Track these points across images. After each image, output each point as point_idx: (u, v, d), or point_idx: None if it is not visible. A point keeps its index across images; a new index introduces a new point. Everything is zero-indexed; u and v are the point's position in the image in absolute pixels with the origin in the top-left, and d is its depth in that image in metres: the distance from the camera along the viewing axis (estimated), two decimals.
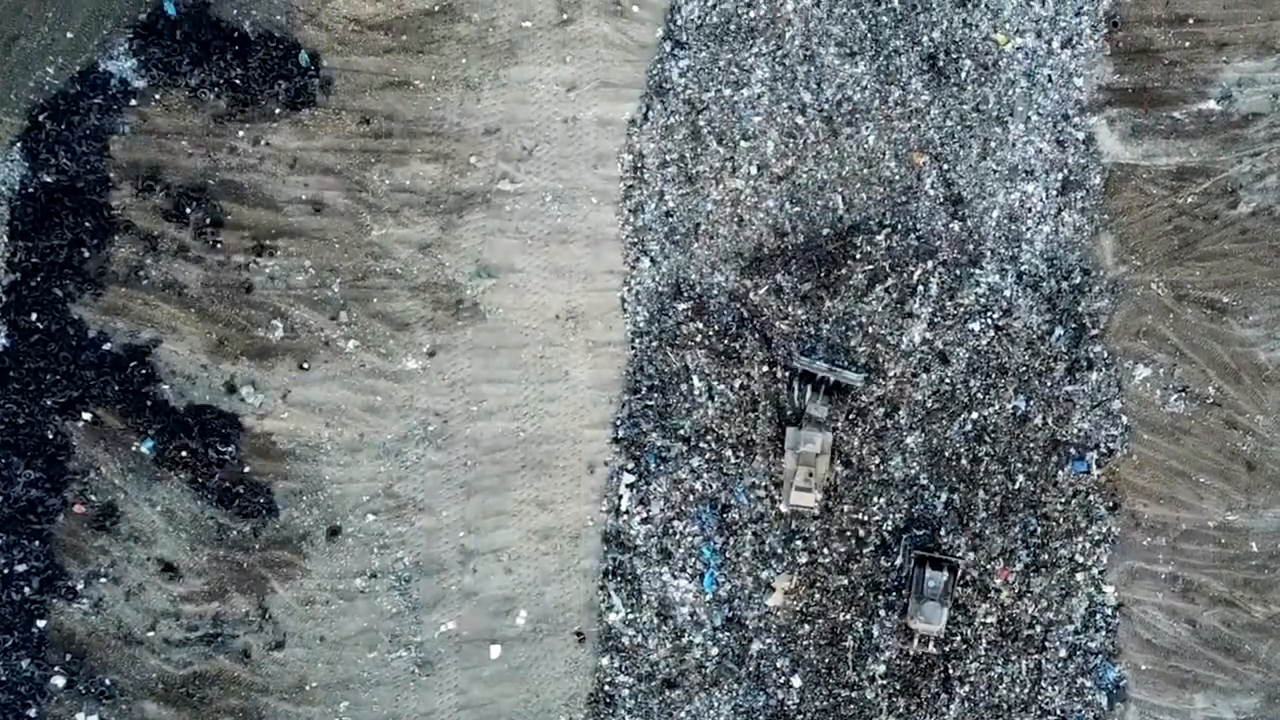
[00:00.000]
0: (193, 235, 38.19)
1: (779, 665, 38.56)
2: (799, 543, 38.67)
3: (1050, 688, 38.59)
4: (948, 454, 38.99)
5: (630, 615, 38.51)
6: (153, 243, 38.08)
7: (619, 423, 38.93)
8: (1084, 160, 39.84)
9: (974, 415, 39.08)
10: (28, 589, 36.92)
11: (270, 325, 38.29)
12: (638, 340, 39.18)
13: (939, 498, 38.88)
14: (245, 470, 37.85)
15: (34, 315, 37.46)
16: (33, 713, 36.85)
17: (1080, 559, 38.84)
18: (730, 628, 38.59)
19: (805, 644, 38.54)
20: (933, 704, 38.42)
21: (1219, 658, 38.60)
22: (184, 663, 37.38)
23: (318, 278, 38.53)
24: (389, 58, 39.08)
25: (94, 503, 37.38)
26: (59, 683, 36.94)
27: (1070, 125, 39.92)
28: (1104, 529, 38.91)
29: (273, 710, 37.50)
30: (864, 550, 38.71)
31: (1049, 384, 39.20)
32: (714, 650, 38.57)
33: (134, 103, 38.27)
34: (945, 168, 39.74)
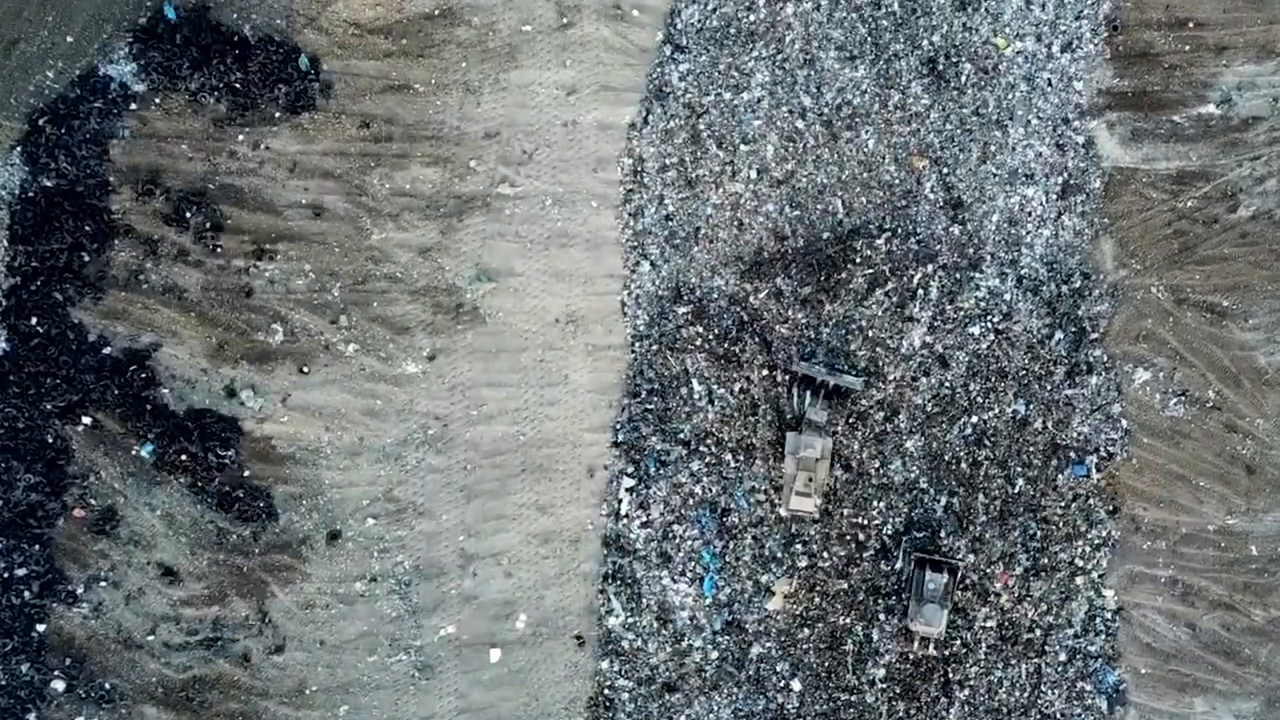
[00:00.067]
0: (193, 239, 38.20)
1: (779, 669, 38.57)
2: (799, 547, 38.68)
3: (1050, 691, 38.60)
4: (947, 458, 39.00)
5: (630, 619, 38.52)
6: (153, 247, 38.09)
7: (619, 426, 38.94)
8: (1084, 164, 39.84)
9: (974, 419, 39.09)
10: (28, 593, 36.93)
11: (270, 329, 38.30)
12: (638, 344, 39.19)
13: (939, 502, 38.88)
14: (245, 474, 37.86)
15: (34, 319, 37.48)
16: (32, 717, 36.85)
17: (1080, 563, 38.84)
18: (730, 631, 38.60)
19: (805, 648, 38.55)
20: (932, 708, 38.42)
21: (1219, 661, 38.60)
22: (184, 667, 37.39)
23: (318, 282, 38.53)
24: (389, 62, 39.09)
25: (94, 507, 37.39)
26: (59, 687, 36.94)
27: (1070, 129, 39.92)
28: (1104, 533, 38.91)
29: (272, 714, 37.50)
30: (864, 554, 38.71)
31: (1049, 388, 39.21)
32: (714, 654, 38.58)
33: (134, 107, 38.28)
34: (945, 172, 39.74)
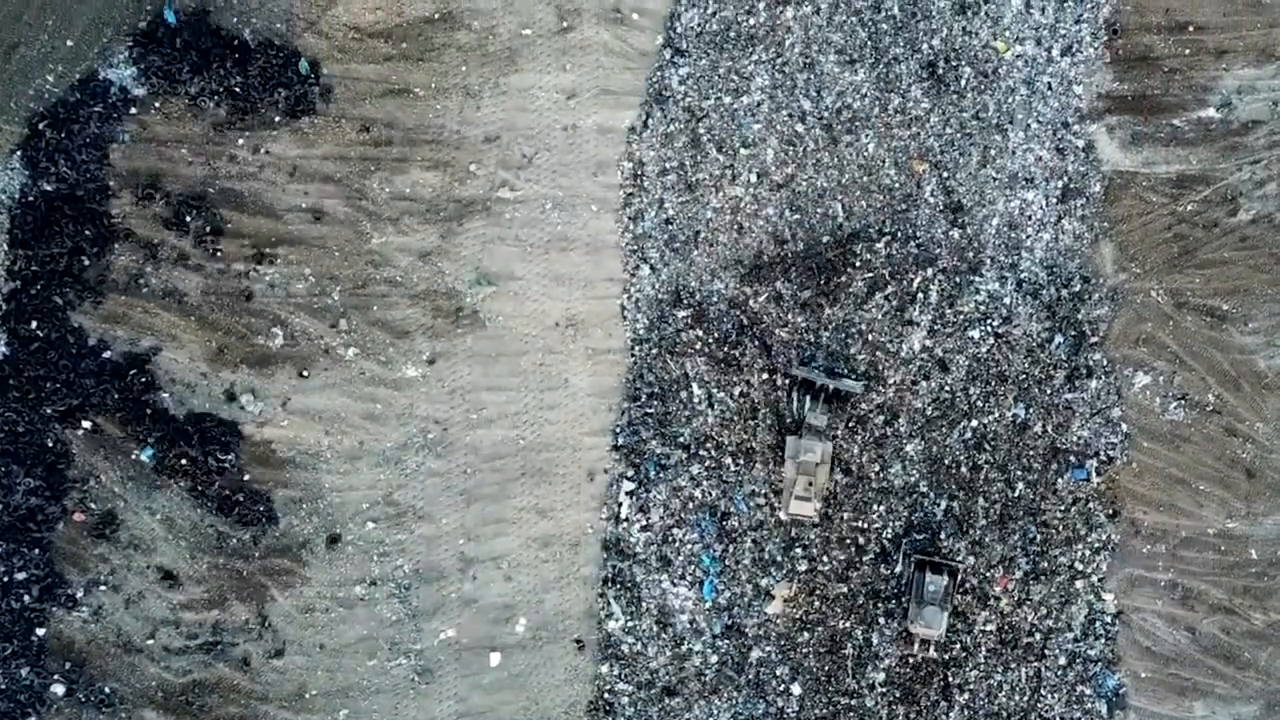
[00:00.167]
0: (193, 243, 38.20)
1: (778, 673, 38.57)
2: (798, 550, 38.68)
3: (1050, 695, 38.61)
4: (947, 462, 39.00)
5: (630, 623, 38.53)
6: (153, 251, 38.09)
7: (619, 430, 38.94)
8: (1084, 168, 39.85)
9: (974, 423, 39.09)
10: (27, 597, 36.93)
11: (270, 333, 38.30)
12: (637, 348, 39.20)
13: (939, 505, 38.89)
14: (245, 478, 37.86)
15: (34, 323, 37.47)
16: None
17: (1080, 566, 38.85)
18: (730, 635, 38.61)
19: (805, 652, 38.56)
20: (932, 711, 38.43)
21: (1218, 665, 38.61)
22: (183, 671, 37.39)
23: (318, 285, 38.54)
24: (389, 65, 39.09)
25: (94, 511, 37.39)
26: (58, 691, 36.94)
27: (1070, 133, 39.92)
28: (1103, 536, 38.92)
29: (272, 718, 37.50)
30: (863, 558, 38.72)
31: (1049, 391, 39.21)
32: (713, 658, 38.59)
33: (134, 111, 38.28)
34: (945, 175, 39.75)
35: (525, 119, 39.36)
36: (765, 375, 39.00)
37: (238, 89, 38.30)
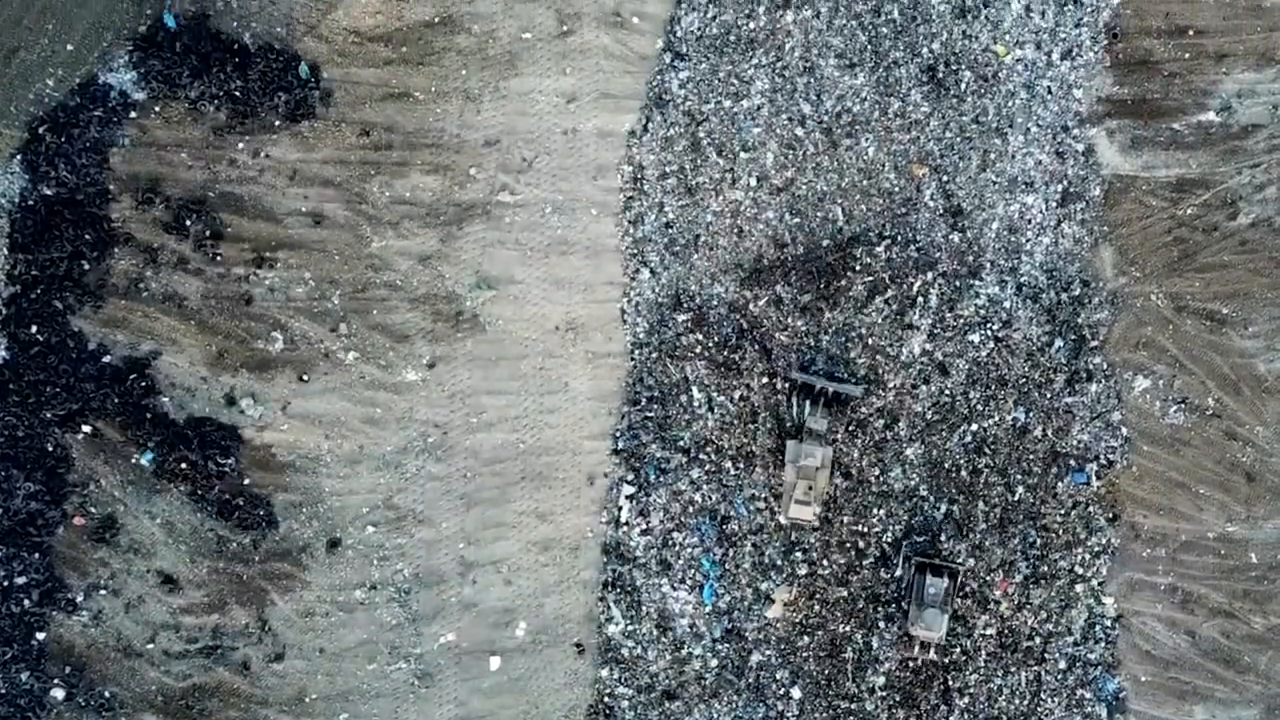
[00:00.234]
0: (192, 247, 38.20)
1: (779, 677, 38.57)
2: (798, 554, 38.68)
3: (1050, 699, 38.60)
4: (947, 465, 39.00)
5: (630, 627, 38.52)
6: (153, 255, 38.09)
7: (618, 434, 38.94)
8: (1083, 172, 39.85)
9: (974, 427, 39.09)
10: (27, 601, 36.91)
11: (270, 337, 38.30)
12: (637, 352, 39.20)
13: (939, 509, 38.89)
14: (245, 482, 37.85)
15: (34, 328, 37.46)
16: None
17: (1080, 570, 38.85)
18: (730, 639, 38.61)
19: (805, 655, 38.55)
20: (932, 715, 38.42)
21: (1218, 669, 38.61)
22: (183, 675, 37.38)
23: (317, 290, 38.54)
24: (389, 69, 39.09)
25: (94, 515, 37.38)
26: (58, 695, 36.93)
27: (1070, 137, 39.93)
28: (1103, 540, 38.92)
29: None
30: (863, 562, 38.71)
31: (1049, 395, 39.21)
32: (714, 662, 38.59)
33: (134, 115, 38.28)
34: (945, 179, 39.75)
35: (525, 123, 39.37)
36: (765, 379, 39.00)
37: (238, 93, 38.29)
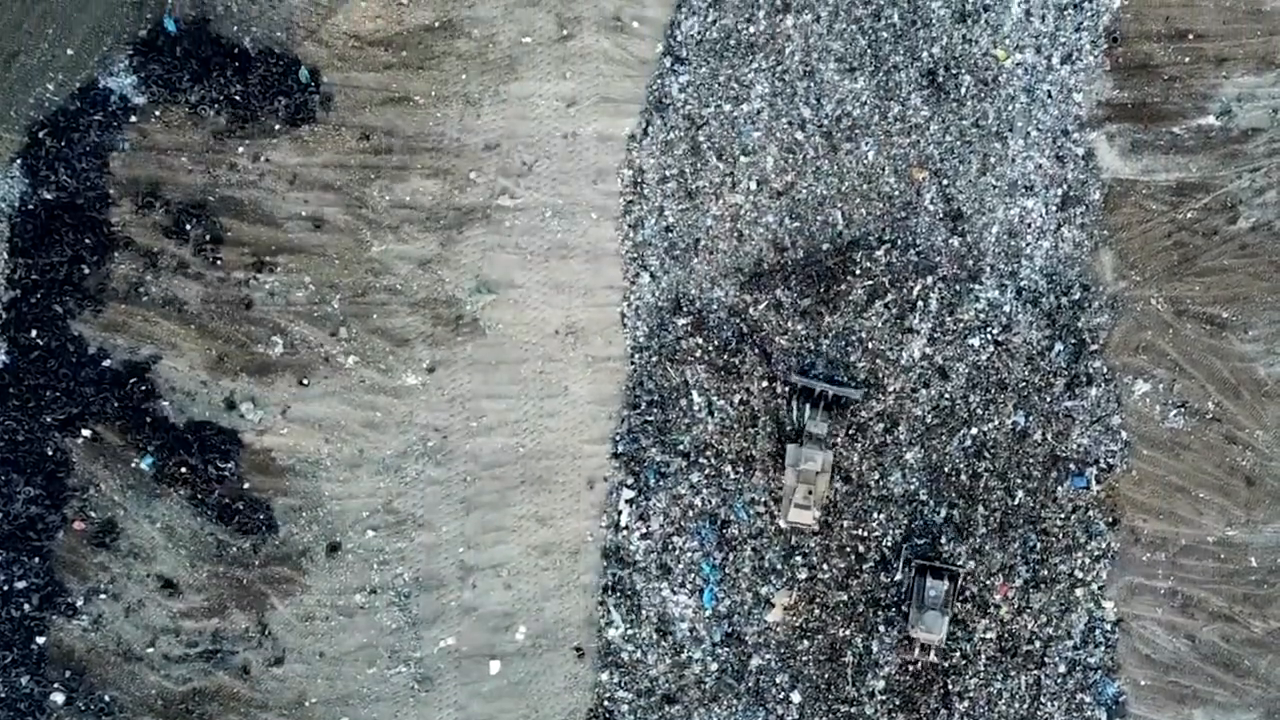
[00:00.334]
0: (192, 252, 38.20)
1: (778, 681, 38.57)
2: (798, 558, 38.68)
3: (1049, 703, 38.61)
4: (947, 469, 39.00)
5: (630, 631, 38.52)
6: (152, 259, 38.09)
7: (618, 438, 38.94)
8: (1083, 176, 39.86)
9: (973, 431, 39.09)
10: (27, 605, 36.91)
11: (270, 341, 38.30)
12: (637, 355, 39.20)
13: (939, 513, 38.89)
14: (245, 486, 37.85)
15: (34, 332, 37.46)
16: None
17: (1080, 574, 38.86)
18: (730, 643, 38.61)
19: (804, 659, 38.56)
20: (932, 719, 38.43)
21: (1218, 673, 38.62)
22: (183, 679, 37.38)
23: (317, 294, 38.54)
24: (389, 74, 39.09)
25: (94, 519, 37.37)
26: (58, 699, 36.93)
27: (1070, 141, 39.94)
28: (1103, 544, 38.93)
29: None
30: (863, 566, 38.72)
31: (1048, 399, 39.21)
32: (713, 666, 38.59)
33: (134, 119, 38.27)
34: (945, 183, 39.76)
35: (525, 127, 39.37)
36: (765, 383, 39.00)
37: (238, 97, 38.29)
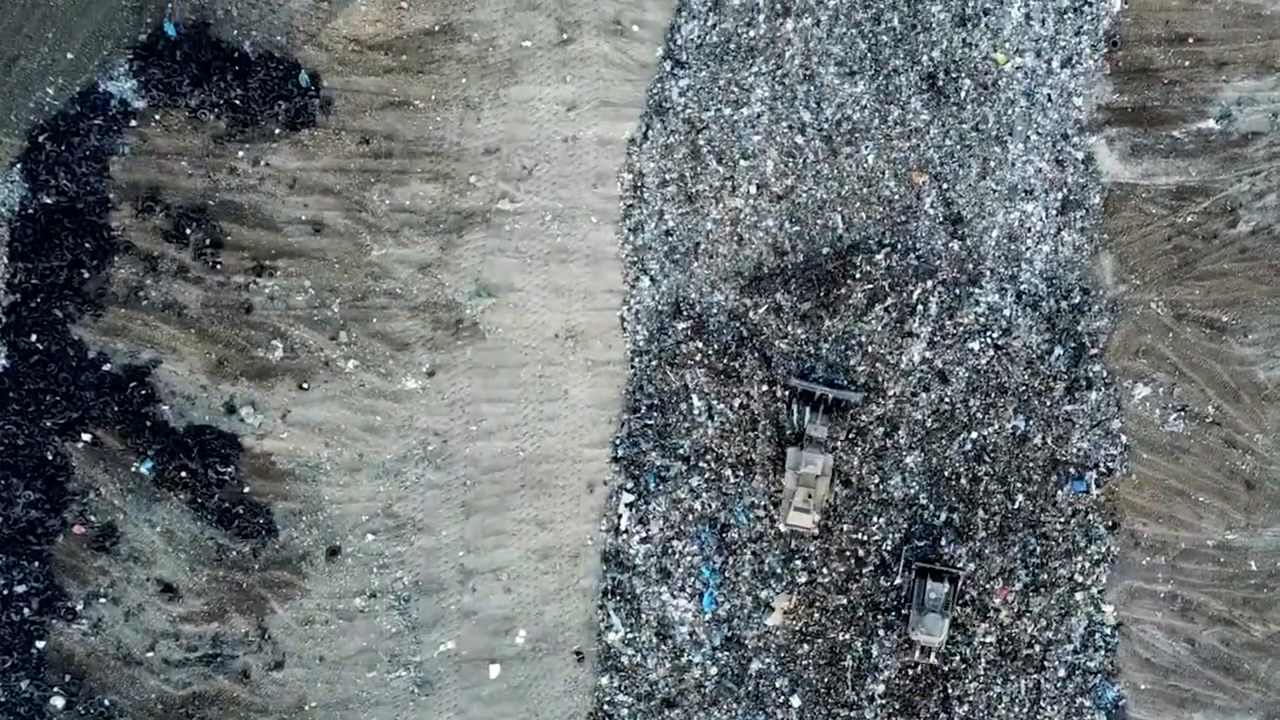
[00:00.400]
0: (192, 256, 38.20)
1: (778, 685, 38.58)
2: (798, 562, 38.69)
3: (1049, 707, 38.61)
4: (947, 473, 39.00)
5: (629, 634, 38.53)
6: (152, 263, 38.09)
7: (618, 442, 38.95)
8: (1083, 179, 39.86)
9: (973, 434, 39.09)
10: (27, 610, 36.93)
11: (270, 345, 38.31)
12: (637, 359, 39.20)
13: (938, 517, 38.90)
14: (245, 490, 37.86)
15: (34, 336, 37.47)
16: None
17: (1079, 578, 38.86)
18: (729, 647, 38.62)
19: (804, 663, 38.56)
20: None
21: (1218, 677, 38.61)
22: (183, 683, 37.39)
23: (317, 298, 38.54)
24: (389, 78, 39.09)
25: (93, 523, 37.38)
26: (58, 704, 36.94)
27: (1070, 144, 39.93)
28: (1103, 548, 38.93)
29: None
30: (863, 570, 38.72)
31: (1048, 403, 39.22)
32: (713, 670, 38.59)
33: (134, 123, 38.28)
34: (945, 187, 39.76)
35: (525, 131, 39.37)
36: (765, 387, 39.01)
37: (238, 101, 38.30)
